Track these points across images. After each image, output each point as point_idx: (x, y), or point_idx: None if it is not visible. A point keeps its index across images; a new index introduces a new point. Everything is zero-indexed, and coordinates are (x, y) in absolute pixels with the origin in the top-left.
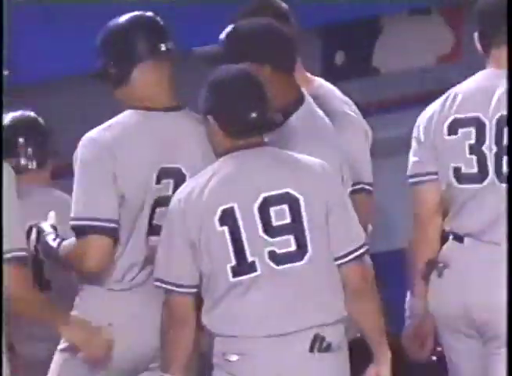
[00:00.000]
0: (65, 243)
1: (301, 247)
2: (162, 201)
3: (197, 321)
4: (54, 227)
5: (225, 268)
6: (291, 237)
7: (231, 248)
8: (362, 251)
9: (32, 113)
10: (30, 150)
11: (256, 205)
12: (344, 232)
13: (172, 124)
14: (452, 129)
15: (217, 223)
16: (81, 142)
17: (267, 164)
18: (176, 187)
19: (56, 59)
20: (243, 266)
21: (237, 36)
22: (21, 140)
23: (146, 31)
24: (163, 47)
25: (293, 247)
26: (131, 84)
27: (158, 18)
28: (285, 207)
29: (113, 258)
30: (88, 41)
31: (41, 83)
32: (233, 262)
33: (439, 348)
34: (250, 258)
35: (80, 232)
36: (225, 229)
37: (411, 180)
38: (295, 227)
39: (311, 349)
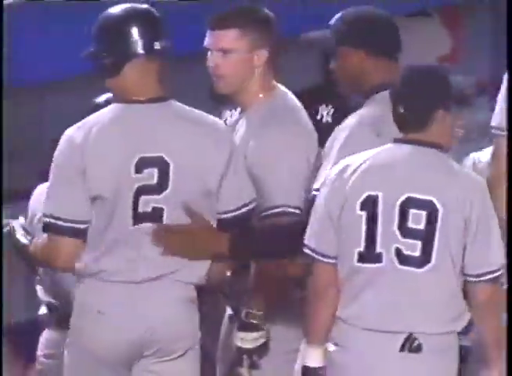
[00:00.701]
0: (35, 240)
1: (425, 256)
2: (146, 190)
3: None
4: (24, 228)
5: (352, 251)
6: (419, 243)
7: (363, 234)
8: (496, 274)
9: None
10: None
11: (399, 202)
12: (483, 252)
13: (155, 114)
14: None
15: (358, 206)
16: None
17: (419, 164)
18: (161, 175)
19: (62, 58)
20: (370, 255)
21: (342, 21)
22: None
23: (143, 27)
24: (157, 45)
25: (417, 253)
26: (121, 76)
27: (155, 13)
28: (423, 213)
29: (79, 257)
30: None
31: (41, 83)
32: (362, 248)
33: None
34: (378, 249)
35: (47, 230)
36: (364, 214)
37: None
38: (426, 235)
39: (402, 348)
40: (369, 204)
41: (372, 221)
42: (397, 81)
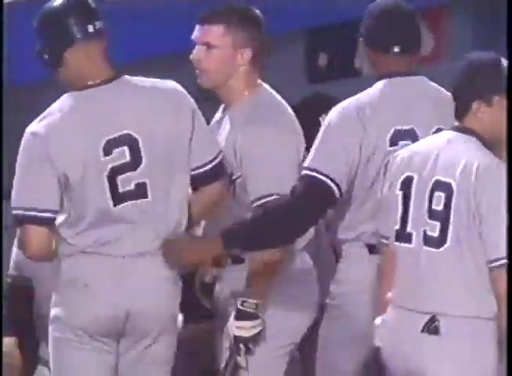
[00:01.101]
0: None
1: (443, 237)
2: (121, 169)
3: None
4: None
5: (392, 231)
6: (438, 224)
7: (399, 214)
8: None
9: None
10: None
11: (430, 184)
12: (492, 238)
13: (111, 94)
14: None
15: (398, 186)
16: None
17: (450, 148)
18: (132, 152)
19: None
20: (402, 234)
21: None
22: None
23: (75, 14)
24: (91, 28)
25: (436, 234)
26: (66, 65)
27: None
28: (443, 195)
29: (51, 245)
30: None
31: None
32: (398, 226)
33: None
34: (409, 229)
35: (18, 221)
36: (401, 194)
37: None
38: (444, 217)
39: (423, 329)
40: (406, 186)
41: (407, 202)
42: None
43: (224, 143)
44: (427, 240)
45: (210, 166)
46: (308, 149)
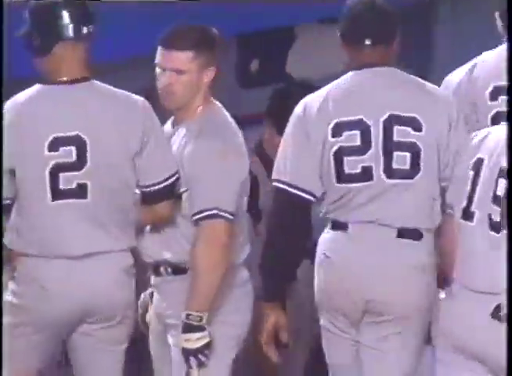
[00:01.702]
0: None
1: (502, 222)
2: (65, 167)
3: None
4: None
5: (458, 208)
6: (499, 210)
7: (467, 193)
8: None
9: None
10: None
11: (495, 172)
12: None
13: (74, 95)
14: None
15: (471, 166)
16: None
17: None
18: (79, 153)
19: None
20: (467, 212)
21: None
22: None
23: (72, 11)
24: (85, 30)
25: (498, 219)
26: (49, 58)
27: None
28: (504, 182)
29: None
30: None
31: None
32: (464, 204)
33: None
34: (473, 209)
35: None
36: (472, 174)
37: None
38: (503, 203)
39: (492, 314)
40: (477, 166)
41: (475, 181)
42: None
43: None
44: (492, 225)
45: (162, 185)
46: None
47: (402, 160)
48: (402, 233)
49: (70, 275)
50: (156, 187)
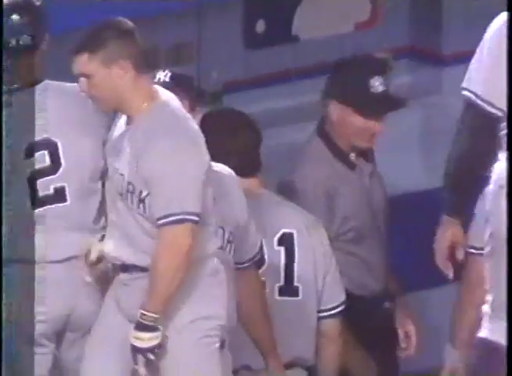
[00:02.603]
0: None
1: None
2: (40, 172)
3: None
4: None
5: None
6: None
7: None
8: None
9: None
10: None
11: None
12: None
13: (36, 97)
14: None
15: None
16: None
17: None
18: (52, 156)
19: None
20: None
21: None
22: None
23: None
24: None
25: None
26: (38, 52)
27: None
28: None
29: None
30: None
31: None
32: None
33: None
34: None
35: None
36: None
37: None
38: None
39: None
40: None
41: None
42: None
43: (127, 165)
44: None
45: None
46: None
47: None
48: None
49: (54, 280)
50: None
